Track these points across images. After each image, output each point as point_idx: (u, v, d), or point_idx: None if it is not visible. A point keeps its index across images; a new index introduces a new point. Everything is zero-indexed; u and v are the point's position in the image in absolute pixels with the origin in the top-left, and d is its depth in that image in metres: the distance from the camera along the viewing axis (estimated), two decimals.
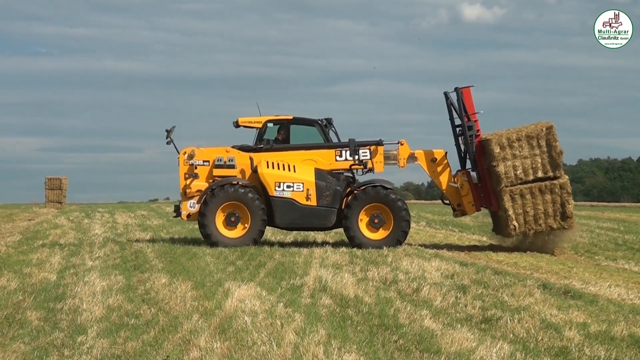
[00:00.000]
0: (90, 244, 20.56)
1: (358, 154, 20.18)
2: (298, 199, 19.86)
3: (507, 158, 19.21)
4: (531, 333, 9.29)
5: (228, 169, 20.38)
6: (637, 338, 8.93)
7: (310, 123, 20.88)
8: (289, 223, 20.20)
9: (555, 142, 19.05)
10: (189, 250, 18.53)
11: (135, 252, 18.29)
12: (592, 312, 10.63)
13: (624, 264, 16.85)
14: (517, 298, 11.77)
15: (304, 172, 20.09)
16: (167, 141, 20.77)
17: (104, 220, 33.32)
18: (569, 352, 8.40)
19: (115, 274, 14.40)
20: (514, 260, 17.77)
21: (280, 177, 19.96)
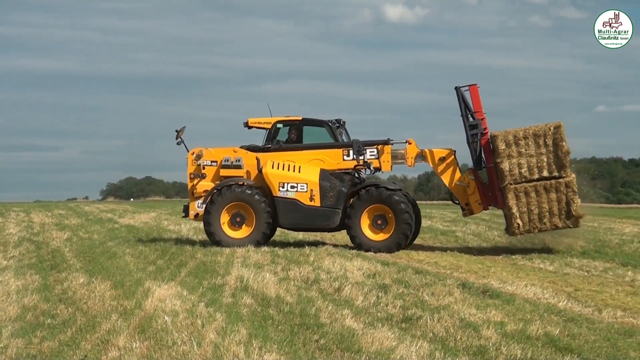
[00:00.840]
0: (4, 244, 20.14)
1: (362, 154, 20.10)
2: (302, 199, 19.80)
3: (513, 155, 19.00)
4: (450, 332, 9.41)
5: (235, 169, 20.47)
6: (551, 337, 9.12)
7: (319, 124, 20.83)
8: (293, 224, 20.17)
9: (562, 142, 18.73)
10: (108, 249, 18.30)
11: (52, 251, 17.99)
12: (509, 311, 10.82)
13: (540, 264, 17.16)
14: (437, 297, 11.92)
15: (309, 173, 19.99)
16: (177, 141, 20.81)
17: (19, 219, 32.68)
18: (487, 351, 8.53)
19: (31, 273, 14.15)
20: (434, 260, 17.96)
21: (284, 177, 19.92)
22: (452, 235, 24.90)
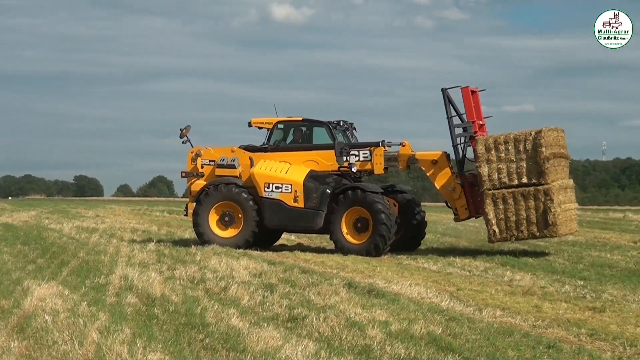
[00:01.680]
0: None
1: (346, 156, 19.67)
2: (286, 200, 19.52)
3: (492, 160, 18.35)
4: (336, 331, 9.48)
5: (229, 169, 20.21)
6: (434, 336, 9.27)
7: (319, 124, 20.46)
8: (277, 224, 19.95)
9: (541, 148, 17.88)
10: None
11: None
12: (393, 310, 10.96)
13: (424, 263, 17.46)
14: (323, 297, 11.98)
15: (295, 174, 19.67)
16: (182, 140, 20.57)
17: None
18: (371, 351, 8.62)
19: None
20: (321, 259, 18.07)
21: (270, 177, 19.64)
22: None
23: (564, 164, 19.12)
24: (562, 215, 18.20)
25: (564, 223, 18.32)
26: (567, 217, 18.68)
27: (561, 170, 18.77)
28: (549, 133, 18.14)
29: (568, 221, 18.74)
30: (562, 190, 18.42)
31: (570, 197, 19.19)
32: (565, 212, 18.47)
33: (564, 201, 18.48)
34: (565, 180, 18.93)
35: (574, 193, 19.75)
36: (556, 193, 18.04)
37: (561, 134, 18.94)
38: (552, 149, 18.11)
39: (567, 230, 18.86)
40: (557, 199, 18.03)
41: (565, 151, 19.20)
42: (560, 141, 18.85)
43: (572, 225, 19.28)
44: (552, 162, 18.10)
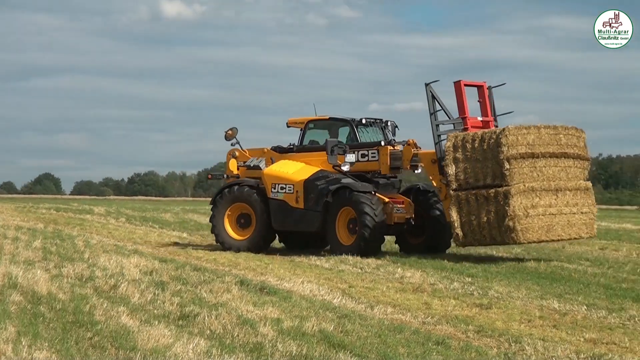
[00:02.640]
0: None
1: (341, 154, 18.82)
2: (289, 200, 19.08)
3: (459, 159, 17.37)
4: (228, 329, 9.45)
5: (255, 170, 19.86)
6: (326, 334, 9.33)
7: (343, 122, 19.80)
8: (281, 226, 19.52)
9: (502, 147, 16.73)
10: None
11: None
12: (285, 308, 11.00)
13: (316, 261, 17.55)
14: (215, 294, 11.94)
15: (300, 173, 19.05)
16: (231, 143, 20.19)
17: None
18: (263, 348, 8.62)
19: None
20: (213, 257, 18.00)
21: (277, 178, 19.18)
22: None
23: (556, 163, 17.57)
24: (531, 220, 16.95)
25: (531, 228, 16.96)
26: (546, 223, 17.23)
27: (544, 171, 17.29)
28: (514, 131, 16.98)
29: (548, 227, 17.28)
30: (533, 193, 17.03)
31: (561, 200, 17.52)
32: (540, 217, 17.13)
33: (537, 205, 17.06)
34: (544, 182, 17.27)
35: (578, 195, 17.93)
36: (517, 196, 16.74)
37: (566, 132, 17.76)
38: (520, 148, 16.92)
39: (540, 237, 17.31)
40: (519, 203, 16.75)
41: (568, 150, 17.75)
42: (556, 139, 17.55)
43: (557, 231, 17.49)
44: (523, 163, 16.98)
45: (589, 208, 18.18)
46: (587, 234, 18.37)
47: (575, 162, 17.99)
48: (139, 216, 35.45)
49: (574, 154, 17.95)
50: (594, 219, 18.37)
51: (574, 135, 17.96)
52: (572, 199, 17.75)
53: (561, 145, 17.66)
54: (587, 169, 18.41)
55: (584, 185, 18.13)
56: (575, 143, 17.97)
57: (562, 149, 17.66)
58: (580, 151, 18.08)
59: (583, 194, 18.03)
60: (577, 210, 17.84)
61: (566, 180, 17.69)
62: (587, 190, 18.22)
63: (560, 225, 17.46)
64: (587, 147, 18.28)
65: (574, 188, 17.80)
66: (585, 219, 18.03)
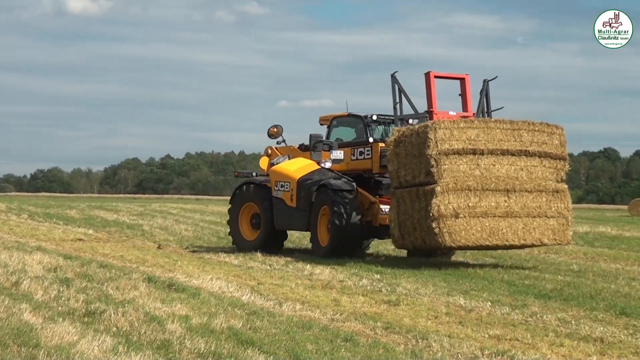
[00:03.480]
0: None
1: (319, 150, 17.97)
2: (286, 199, 18.32)
3: (400, 155, 16.08)
4: (135, 326, 9.33)
5: None
6: (235, 330, 9.29)
7: (357, 119, 18.76)
8: (281, 225, 18.78)
9: (428, 142, 15.36)
10: None
11: None
12: (194, 305, 10.91)
13: (225, 258, 17.49)
14: (122, 291, 11.77)
15: (299, 172, 18.36)
16: (277, 141, 19.37)
17: None
18: (171, 345, 8.54)
19: None
20: (120, 254, 17.76)
21: (280, 176, 18.45)
22: (138, 229, 24.76)
23: (512, 162, 16.06)
24: (463, 222, 15.46)
25: (463, 231, 15.45)
26: (488, 226, 15.67)
27: (491, 170, 15.85)
28: (448, 125, 15.61)
29: (492, 230, 15.70)
30: (470, 192, 15.53)
31: (515, 202, 15.91)
32: (480, 219, 15.60)
33: (476, 206, 15.57)
34: (490, 181, 15.82)
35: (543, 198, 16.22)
36: (443, 195, 15.32)
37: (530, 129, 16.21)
38: (456, 143, 15.49)
39: (479, 241, 15.70)
40: (445, 202, 15.33)
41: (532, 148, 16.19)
42: (514, 136, 16.07)
43: (505, 235, 15.84)
44: (458, 160, 15.56)
45: (559, 212, 16.31)
46: (554, 241, 16.45)
47: (543, 161, 16.27)
48: (43, 212, 34.73)
49: (542, 153, 16.28)
50: (567, 225, 16.42)
51: (542, 131, 16.34)
52: (533, 202, 16.05)
53: (523, 142, 16.08)
54: (563, 170, 16.49)
55: (555, 187, 16.32)
56: (545, 140, 16.30)
57: (524, 146, 16.09)
58: (552, 149, 16.36)
59: (551, 196, 16.24)
60: (540, 214, 16.11)
61: (526, 181, 16.03)
62: (558, 193, 16.36)
63: (512, 230, 15.83)
64: (563, 145, 16.52)
65: (538, 189, 16.08)
66: (553, 224, 16.22)
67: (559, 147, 16.45)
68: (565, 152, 16.49)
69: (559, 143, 16.44)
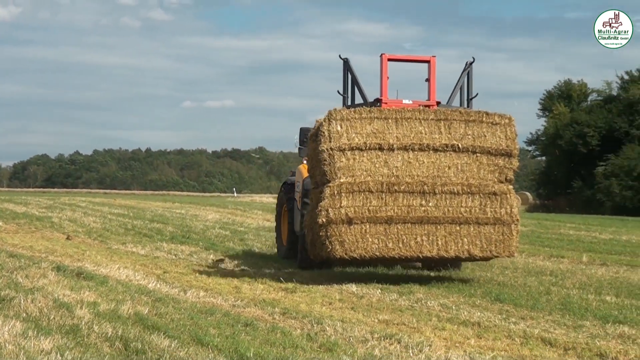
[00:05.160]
0: None
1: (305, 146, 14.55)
2: (298, 200, 15.12)
3: (311, 150, 13.22)
4: (44, 312, 9.14)
5: None
6: (141, 316, 9.19)
7: None
8: (295, 229, 15.26)
9: (319, 137, 12.45)
10: None
11: None
12: (102, 292, 10.74)
13: (132, 248, 17.27)
14: (32, 279, 11.50)
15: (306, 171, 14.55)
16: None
17: None
18: (79, 330, 8.39)
19: None
20: (29, 244, 17.34)
21: (297, 175, 15.41)
22: (48, 221, 24.21)
23: (436, 158, 12.55)
24: (360, 229, 12.24)
25: (360, 241, 12.23)
26: (396, 235, 12.32)
27: (401, 168, 12.47)
28: (342, 115, 12.52)
29: (397, 240, 12.32)
30: (372, 195, 12.24)
31: (432, 207, 12.35)
32: (385, 227, 12.27)
33: (379, 211, 12.25)
34: (403, 180, 12.42)
35: (476, 201, 12.46)
36: (331, 199, 12.17)
37: (463, 119, 12.71)
38: (357, 138, 12.39)
39: (382, 252, 12.35)
40: (337, 206, 12.17)
41: (465, 142, 12.63)
42: (438, 127, 12.59)
43: (418, 247, 12.37)
44: (358, 156, 12.36)
45: (497, 218, 12.45)
46: (489, 253, 12.56)
47: (479, 157, 12.63)
48: None
49: (479, 147, 12.63)
50: (510, 233, 12.46)
51: (481, 122, 12.70)
52: (461, 206, 12.38)
53: (452, 135, 12.57)
54: (509, 168, 12.70)
55: (493, 188, 12.49)
56: (484, 133, 12.65)
57: (453, 140, 12.55)
58: (493, 144, 12.66)
59: (488, 199, 12.42)
60: (470, 220, 12.38)
61: (454, 181, 12.48)
62: (498, 196, 12.48)
63: (430, 239, 12.32)
64: (510, 139, 12.73)
65: (469, 191, 12.42)
66: (488, 232, 12.43)
67: (503, 141, 12.65)
68: (514, 146, 12.72)
69: (503, 136, 12.67)
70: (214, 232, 21.46)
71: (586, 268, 15.80)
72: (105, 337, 8.08)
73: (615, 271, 15.39)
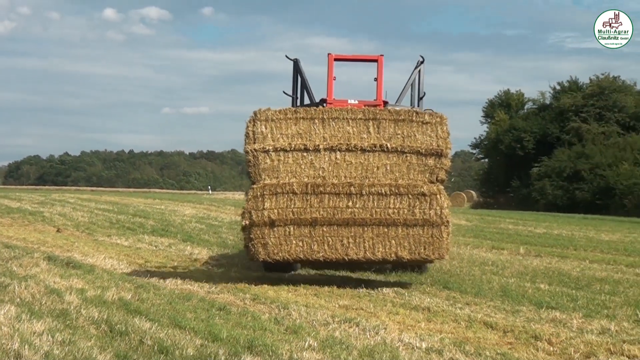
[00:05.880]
0: None
1: None
2: None
3: None
4: (36, 297, 9.03)
5: None
6: (125, 301, 9.11)
7: None
8: None
9: (246, 139, 11.19)
10: None
11: None
12: (89, 279, 10.63)
13: (117, 240, 17.12)
14: (25, 268, 11.35)
15: None
16: None
17: None
18: (69, 314, 8.30)
19: None
20: (23, 236, 17.11)
21: None
22: (39, 215, 23.90)
23: (364, 159, 11.16)
24: (285, 231, 10.85)
25: (285, 243, 10.86)
26: (321, 237, 10.85)
27: (328, 169, 11.10)
28: (267, 115, 11.17)
29: (322, 242, 10.86)
30: (295, 196, 10.84)
31: (359, 208, 10.83)
32: (310, 228, 10.84)
33: (305, 212, 10.82)
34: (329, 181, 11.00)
35: (404, 202, 10.83)
36: (257, 200, 10.85)
37: (391, 117, 11.25)
38: (281, 139, 11.14)
39: (306, 254, 10.89)
40: (260, 208, 10.83)
41: (393, 142, 11.16)
42: (366, 126, 11.18)
43: (344, 249, 10.86)
44: (283, 158, 11.09)
45: (426, 219, 10.83)
46: (418, 256, 10.92)
47: (408, 157, 11.19)
48: None
49: (408, 147, 11.18)
50: (440, 235, 10.85)
51: (411, 121, 11.24)
52: (389, 207, 10.87)
53: (381, 135, 11.20)
54: (440, 168, 11.18)
55: (423, 189, 10.87)
56: (415, 132, 11.22)
57: (382, 140, 11.18)
58: (423, 144, 11.17)
59: (417, 200, 10.85)
60: (397, 221, 10.84)
61: (382, 182, 11.00)
62: (427, 196, 10.85)
63: (356, 242, 10.87)
64: (442, 138, 11.19)
65: (397, 192, 10.86)
66: (417, 234, 10.88)
67: (434, 140, 11.17)
68: (445, 146, 11.19)
69: (434, 135, 11.19)
70: (191, 225, 21.34)
71: (523, 259, 15.94)
72: (92, 320, 8.00)
73: (548, 262, 15.55)
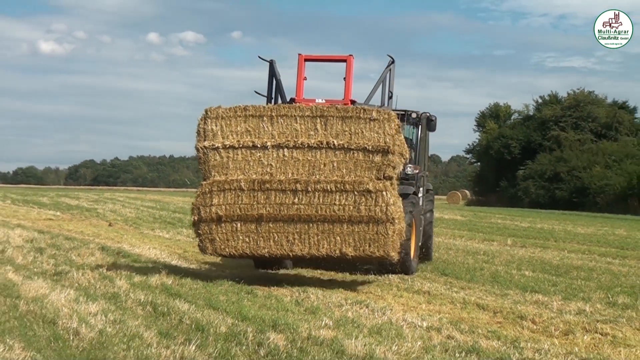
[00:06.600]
0: None
1: None
2: None
3: None
4: (92, 283, 9.10)
5: None
6: (166, 286, 9.15)
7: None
8: None
9: (197, 136, 9.96)
10: None
11: None
12: (136, 267, 10.69)
13: (159, 232, 17.20)
14: (82, 257, 11.46)
15: None
16: None
17: None
18: (119, 297, 8.36)
19: None
20: (80, 230, 17.24)
21: None
22: (94, 212, 24.09)
23: (311, 156, 9.69)
24: (231, 227, 9.69)
25: (231, 239, 9.71)
26: (267, 233, 9.66)
27: (276, 165, 9.71)
28: (217, 113, 9.83)
29: (268, 238, 9.64)
30: (243, 193, 9.64)
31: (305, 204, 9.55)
32: (256, 224, 9.65)
33: (251, 208, 9.61)
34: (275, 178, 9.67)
35: (350, 199, 9.47)
36: (206, 196, 9.70)
37: (339, 114, 9.72)
38: (231, 137, 9.79)
39: (253, 249, 9.71)
40: (208, 204, 9.67)
41: (341, 140, 9.67)
42: (313, 124, 9.72)
43: (289, 245, 9.61)
44: (232, 154, 9.79)
45: (371, 216, 9.42)
46: (363, 253, 9.51)
47: (355, 154, 9.65)
48: (22, 199, 33.27)
49: (355, 144, 9.64)
50: (385, 232, 9.40)
51: (359, 118, 9.69)
52: (334, 204, 9.49)
53: (328, 132, 9.70)
54: (388, 164, 9.55)
55: (369, 186, 9.47)
56: (362, 130, 9.63)
57: (329, 137, 9.68)
58: (370, 140, 9.61)
59: (363, 197, 9.44)
60: (342, 218, 9.47)
61: (329, 179, 9.60)
62: (373, 193, 9.44)
63: (301, 238, 9.58)
64: (390, 135, 9.57)
65: (343, 189, 9.50)
66: (362, 231, 9.46)
67: (381, 137, 9.62)
68: (392, 142, 9.58)
69: (382, 132, 9.63)
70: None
71: (510, 249, 15.87)
72: (139, 302, 8.06)
73: (532, 252, 15.48)
